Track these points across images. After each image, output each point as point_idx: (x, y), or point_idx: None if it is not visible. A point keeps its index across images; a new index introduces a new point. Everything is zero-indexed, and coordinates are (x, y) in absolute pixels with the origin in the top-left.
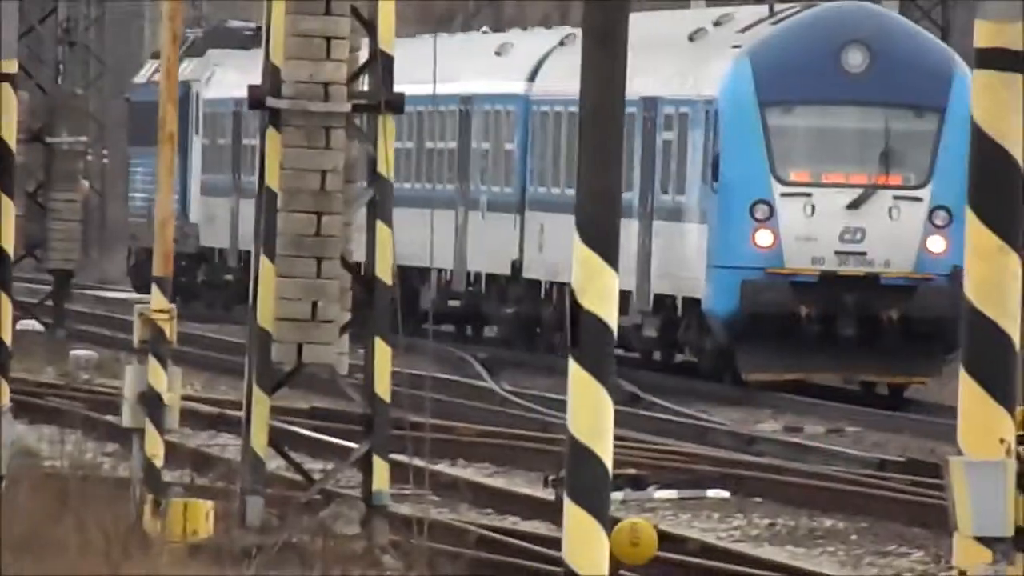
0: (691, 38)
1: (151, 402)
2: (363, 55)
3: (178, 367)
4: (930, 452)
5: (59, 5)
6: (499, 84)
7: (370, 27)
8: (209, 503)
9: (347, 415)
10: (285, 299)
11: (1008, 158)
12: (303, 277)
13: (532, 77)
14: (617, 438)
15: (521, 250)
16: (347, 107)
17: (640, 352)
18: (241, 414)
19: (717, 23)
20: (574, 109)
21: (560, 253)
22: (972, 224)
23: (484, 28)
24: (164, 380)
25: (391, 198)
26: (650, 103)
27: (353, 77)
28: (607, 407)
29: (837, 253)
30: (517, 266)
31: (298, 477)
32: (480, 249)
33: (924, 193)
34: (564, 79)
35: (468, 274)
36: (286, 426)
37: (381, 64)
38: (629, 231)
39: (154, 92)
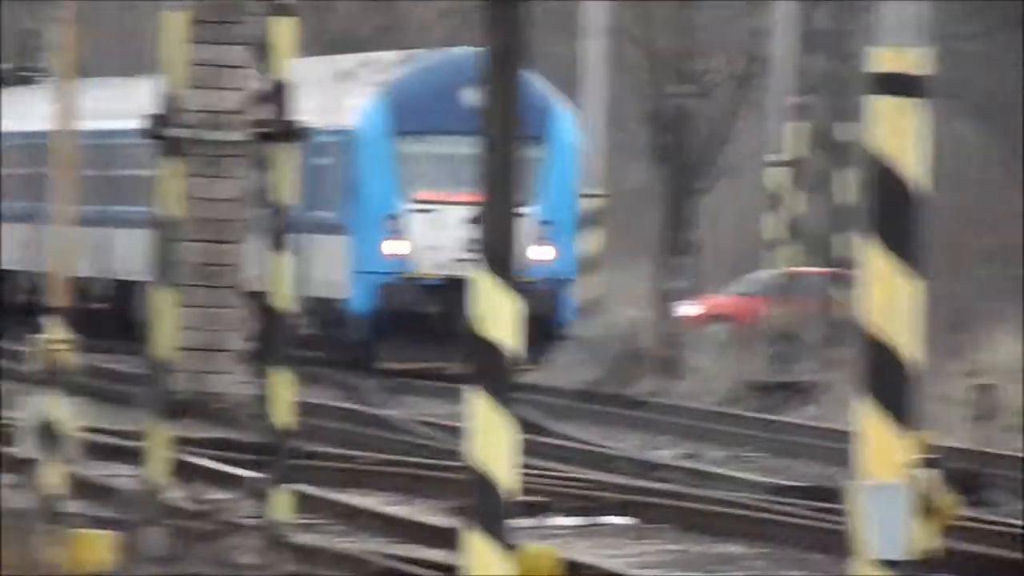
0: (339, 78)
1: (50, 433)
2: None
3: (77, 397)
4: (829, 477)
5: None
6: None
7: (268, 55)
8: (110, 534)
9: (248, 445)
10: (184, 328)
11: (905, 183)
12: (203, 306)
13: None
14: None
15: None
16: (245, 135)
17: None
18: (141, 444)
19: (363, 65)
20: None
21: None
22: (871, 249)
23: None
24: (63, 410)
25: (289, 226)
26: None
27: (251, 105)
28: (509, 434)
29: (459, 260)
30: None
31: (199, 507)
32: None
33: (532, 209)
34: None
35: None
36: (186, 456)
37: (279, 92)
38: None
39: None
